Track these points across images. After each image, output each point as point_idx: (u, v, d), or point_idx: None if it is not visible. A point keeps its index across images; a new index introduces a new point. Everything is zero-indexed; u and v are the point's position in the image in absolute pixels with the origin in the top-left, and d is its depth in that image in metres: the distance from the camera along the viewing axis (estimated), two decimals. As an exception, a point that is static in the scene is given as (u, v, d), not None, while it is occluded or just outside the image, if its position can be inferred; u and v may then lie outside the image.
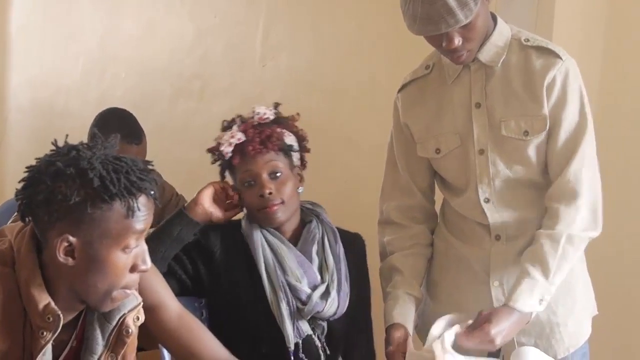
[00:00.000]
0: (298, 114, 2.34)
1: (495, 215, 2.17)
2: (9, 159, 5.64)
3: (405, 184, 2.31)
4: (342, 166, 3.49)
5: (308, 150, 2.34)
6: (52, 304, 1.60)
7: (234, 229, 2.27)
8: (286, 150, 2.25)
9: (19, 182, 1.61)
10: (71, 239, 1.56)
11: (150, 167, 1.66)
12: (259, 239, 2.22)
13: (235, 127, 2.22)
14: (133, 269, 1.64)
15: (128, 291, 1.66)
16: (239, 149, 2.19)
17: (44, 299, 1.60)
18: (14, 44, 5.64)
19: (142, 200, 1.60)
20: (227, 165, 2.26)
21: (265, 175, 2.20)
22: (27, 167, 1.61)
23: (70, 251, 1.57)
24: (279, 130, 2.24)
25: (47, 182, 1.55)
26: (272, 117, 2.25)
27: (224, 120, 2.31)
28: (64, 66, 5.15)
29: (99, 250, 1.58)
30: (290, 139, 2.26)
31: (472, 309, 2.17)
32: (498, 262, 2.18)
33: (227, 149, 2.19)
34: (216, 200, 2.24)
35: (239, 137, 2.19)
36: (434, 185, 2.35)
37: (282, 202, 2.20)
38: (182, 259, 2.20)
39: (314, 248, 2.26)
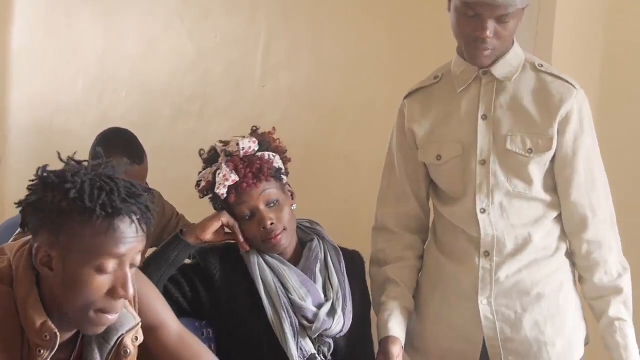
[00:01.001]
0: (274, 128, 2.31)
1: (488, 228, 2.19)
2: (9, 178, 5.64)
3: (403, 190, 2.33)
4: (341, 185, 3.50)
5: (289, 160, 2.32)
6: (49, 321, 1.60)
7: (233, 252, 2.26)
8: (277, 176, 2.25)
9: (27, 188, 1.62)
10: (49, 249, 1.58)
11: (141, 192, 1.63)
12: (257, 262, 2.22)
13: (224, 166, 2.18)
14: (111, 293, 1.61)
15: (109, 317, 1.64)
16: (232, 187, 2.18)
17: (40, 317, 1.60)
18: (15, 63, 5.65)
19: (123, 221, 1.58)
20: (221, 202, 2.23)
21: (263, 207, 2.19)
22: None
23: (48, 262, 1.58)
24: (266, 157, 2.22)
25: (40, 192, 1.59)
26: (257, 148, 2.22)
27: (201, 150, 2.29)
28: (63, 85, 5.16)
29: (74, 264, 1.57)
30: (277, 162, 2.25)
31: (460, 326, 2.21)
32: (486, 279, 2.19)
33: (222, 191, 2.17)
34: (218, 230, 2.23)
35: (233, 178, 2.17)
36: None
37: (285, 229, 2.21)
38: (180, 283, 2.20)
39: (318, 267, 2.26)
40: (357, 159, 3.44)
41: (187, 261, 2.28)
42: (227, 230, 2.24)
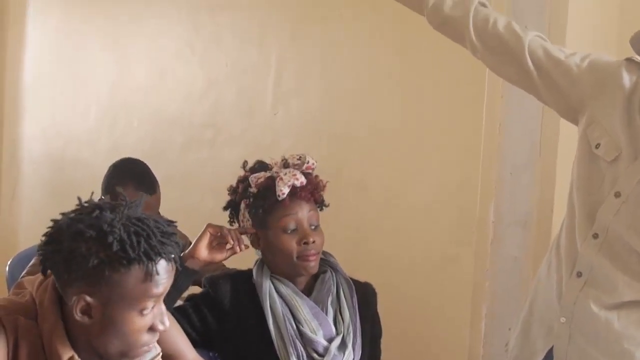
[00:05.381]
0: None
1: (589, 251, 1.93)
2: (23, 210, 5.66)
3: None
4: (352, 212, 3.49)
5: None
6: (76, 357, 1.60)
7: (245, 279, 2.23)
8: (321, 205, 2.26)
9: (42, 236, 1.60)
10: (88, 299, 1.56)
11: (172, 228, 1.64)
12: (268, 290, 2.18)
13: (291, 168, 2.17)
14: (151, 329, 1.63)
15: (146, 348, 1.65)
16: (290, 191, 2.15)
17: (67, 352, 1.60)
18: (27, 95, 5.69)
19: (162, 264, 1.59)
20: (268, 205, 2.16)
21: (307, 224, 2.18)
22: (52, 221, 1.60)
23: (87, 310, 1.57)
24: (320, 184, 2.23)
25: (67, 242, 1.55)
26: (315, 166, 2.23)
27: (245, 162, 2.25)
28: (75, 116, 5.19)
29: (116, 311, 1.57)
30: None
31: (540, 335, 2.07)
32: (570, 297, 1.98)
33: (284, 189, 2.13)
34: (214, 243, 2.16)
35: (302, 180, 2.15)
36: None
37: (318, 253, 2.20)
38: (189, 314, 2.17)
39: (329, 299, 2.22)
40: (368, 184, 3.43)
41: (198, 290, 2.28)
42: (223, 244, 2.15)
